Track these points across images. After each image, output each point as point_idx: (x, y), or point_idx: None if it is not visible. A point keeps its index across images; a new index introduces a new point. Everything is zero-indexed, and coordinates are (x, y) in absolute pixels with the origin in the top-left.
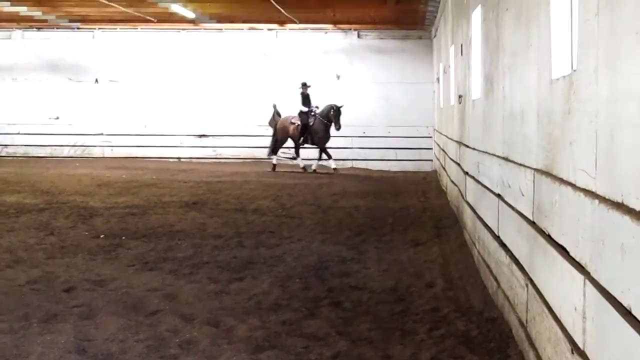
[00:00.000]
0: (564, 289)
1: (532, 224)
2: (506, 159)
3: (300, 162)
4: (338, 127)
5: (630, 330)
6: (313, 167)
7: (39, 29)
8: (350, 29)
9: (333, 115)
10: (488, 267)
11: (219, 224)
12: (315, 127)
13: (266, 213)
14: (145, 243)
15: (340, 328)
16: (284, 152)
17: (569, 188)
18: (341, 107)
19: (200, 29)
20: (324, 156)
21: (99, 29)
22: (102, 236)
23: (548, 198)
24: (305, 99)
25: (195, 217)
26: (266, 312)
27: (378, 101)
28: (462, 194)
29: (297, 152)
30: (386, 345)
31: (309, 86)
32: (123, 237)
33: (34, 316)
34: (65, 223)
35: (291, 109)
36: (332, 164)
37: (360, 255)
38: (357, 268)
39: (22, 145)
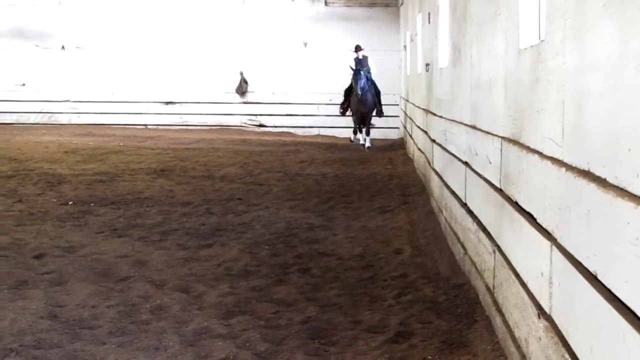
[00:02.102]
0: (531, 255)
1: (500, 191)
2: (474, 127)
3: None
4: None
5: (596, 295)
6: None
7: None
8: None
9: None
10: (455, 234)
11: (187, 191)
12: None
13: (234, 180)
14: (113, 210)
15: (309, 294)
16: (250, 120)
17: (537, 156)
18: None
19: None
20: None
21: None
22: (70, 203)
23: (515, 166)
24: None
25: (164, 184)
26: (236, 279)
27: (345, 69)
28: (429, 162)
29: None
30: (355, 310)
31: (362, 49)
32: (92, 204)
33: (5, 282)
34: (34, 190)
35: (258, 76)
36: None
37: (329, 222)
38: (325, 235)
39: None
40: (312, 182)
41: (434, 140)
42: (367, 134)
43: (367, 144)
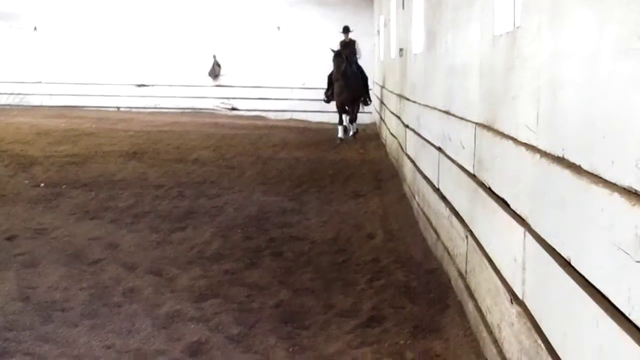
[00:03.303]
0: (504, 240)
1: (473, 176)
2: (447, 113)
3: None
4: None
5: (569, 280)
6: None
7: None
8: None
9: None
10: (428, 219)
11: (159, 174)
12: None
13: (206, 163)
14: (86, 192)
15: (282, 278)
16: (222, 102)
17: (511, 142)
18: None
19: None
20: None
21: None
22: (42, 185)
23: (489, 152)
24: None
25: (136, 167)
26: (208, 262)
27: (317, 53)
28: (402, 147)
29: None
30: (328, 294)
31: (351, 31)
32: (64, 186)
33: None
34: (5, 171)
35: (231, 60)
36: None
37: (301, 206)
38: (298, 219)
39: None
40: (284, 166)
41: (407, 126)
42: (352, 120)
43: (352, 131)
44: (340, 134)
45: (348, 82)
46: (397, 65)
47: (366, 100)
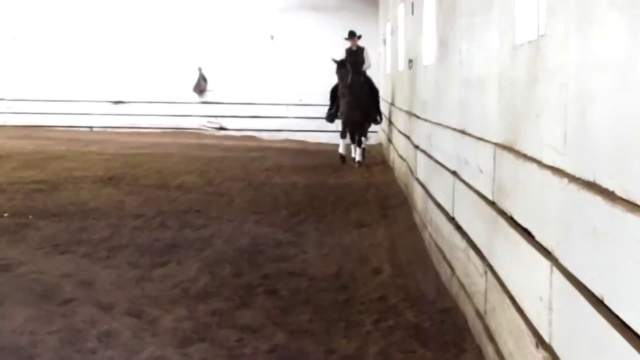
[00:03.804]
0: (528, 276)
1: (492, 204)
2: (463, 132)
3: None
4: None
5: (602, 321)
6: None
7: None
8: None
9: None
10: (441, 252)
11: (138, 202)
12: None
13: (191, 190)
14: (55, 223)
15: (277, 319)
16: (209, 122)
17: (535, 165)
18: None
19: None
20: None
21: None
22: (5, 215)
23: (510, 176)
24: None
25: (112, 194)
26: (194, 301)
27: (316, 65)
28: (411, 170)
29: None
30: (328, 338)
31: (359, 37)
32: (30, 216)
33: None
34: None
35: (219, 73)
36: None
37: (298, 237)
38: (294, 252)
39: None
40: (279, 192)
41: (417, 147)
42: (359, 144)
43: (358, 158)
44: (342, 150)
45: (356, 97)
46: (406, 79)
47: (376, 118)
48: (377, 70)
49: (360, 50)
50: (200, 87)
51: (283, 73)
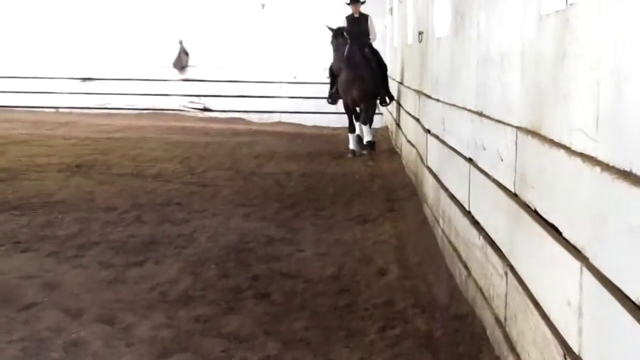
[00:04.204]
0: (554, 278)
1: (514, 196)
2: (480, 114)
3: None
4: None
5: (638, 329)
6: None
7: None
8: None
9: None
10: (455, 250)
11: (110, 194)
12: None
13: (171, 179)
14: (16, 217)
15: (269, 326)
16: (191, 101)
17: (562, 152)
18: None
19: None
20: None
21: None
22: None
23: (535, 164)
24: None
25: (81, 184)
26: (174, 306)
27: (313, 38)
28: (422, 158)
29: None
30: (327, 348)
31: (362, 2)
32: None
33: None
34: None
35: (202, 46)
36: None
37: (293, 234)
38: (288, 250)
39: None
40: (271, 182)
41: (428, 131)
42: (365, 121)
43: (366, 138)
44: (352, 145)
45: (356, 71)
46: (416, 54)
47: (384, 98)
48: (383, 44)
49: (363, 18)
50: (181, 62)
51: (275, 47)
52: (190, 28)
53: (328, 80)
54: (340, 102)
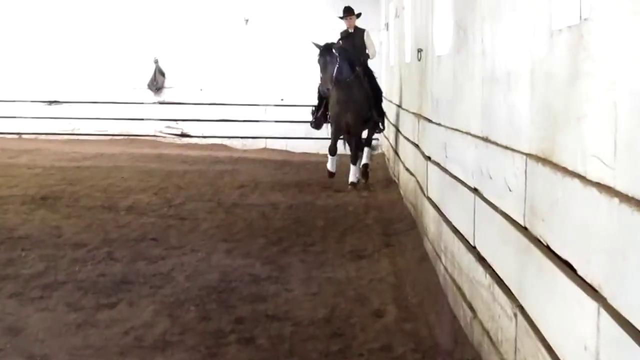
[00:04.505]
0: (569, 320)
1: (524, 230)
2: (486, 140)
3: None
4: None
5: None
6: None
7: None
8: None
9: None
10: (459, 289)
11: (79, 228)
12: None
13: (146, 212)
14: None
15: None
16: (168, 127)
17: (577, 181)
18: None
19: None
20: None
21: None
22: None
23: (546, 195)
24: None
25: (46, 218)
26: (149, 353)
27: (302, 56)
28: (421, 188)
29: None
30: None
31: (357, 16)
32: None
33: None
34: None
35: (180, 66)
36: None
37: (280, 272)
38: (275, 290)
39: None
40: (256, 215)
41: (428, 158)
42: (354, 160)
43: (352, 178)
44: (330, 167)
45: (348, 94)
46: (414, 73)
47: (378, 123)
48: (379, 63)
49: (359, 33)
50: (157, 83)
51: (261, 66)
52: (166, 46)
53: (316, 102)
54: (326, 126)
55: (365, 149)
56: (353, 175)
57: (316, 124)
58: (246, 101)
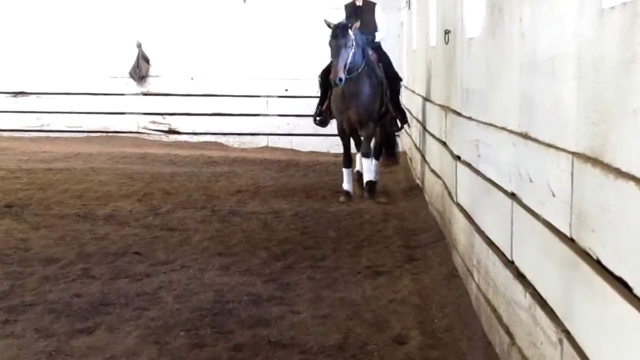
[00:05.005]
0: (623, 347)
1: (570, 241)
2: (525, 136)
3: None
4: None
5: None
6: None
7: None
8: None
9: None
10: (495, 311)
11: (50, 241)
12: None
13: (128, 222)
14: None
15: None
16: (154, 121)
17: (632, 184)
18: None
19: None
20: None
21: None
22: None
23: (597, 200)
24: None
25: (11, 229)
26: None
27: (309, 39)
28: (449, 192)
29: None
30: None
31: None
32: None
33: None
34: None
35: (167, 51)
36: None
37: (285, 291)
38: (279, 312)
39: None
40: (257, 225)
41: (458, 157)
42: (366, 153)
43: (367, 176)
44: (346, 185)
45: (352, 86)
46: (440, 59)
47: (396, 120)
48: (398, 47)
49: (368, 7)
50: (140, 71)
51: (261, 51)
52: (151, 27)
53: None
54: (334, 122)
55: (371, 163)
56: (368, 171)
57: (321, 120)
58: (244, 92)
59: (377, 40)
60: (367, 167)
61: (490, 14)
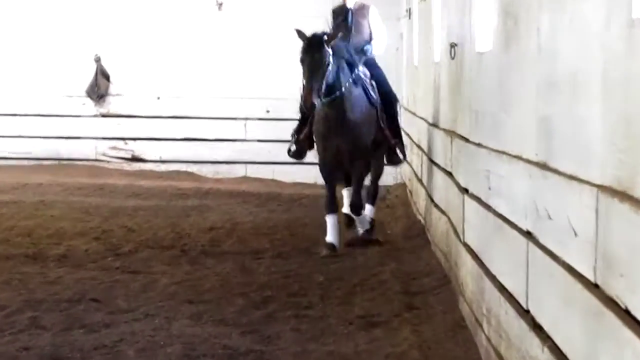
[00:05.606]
0: None
1: (595, 288)
2: (543, 166)
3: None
4: None
5: None
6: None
7: None
8: None
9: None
10: None
11: None
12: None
13: (84, 264)
14: None
15: None
16: (114, 147)
17: None
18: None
19: None
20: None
21: None
22: None
23: (625, 240)
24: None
25: None
26: None
27: (293, 53)
28: (455, 230)
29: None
30: None
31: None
32: None
33: None
34: None
35: (130, 66)
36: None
37: (265, 344)
38: None
39: None
40: (233, 267)
41: (465, 190)
42: (356, 210)
43: (360, 227)
44: (330, 237)
45: (339, 108)
46: (445, 76)
47: (396, 152)
48: (397, 61)
49: (361, 10)
50: (99, 89)
51: (238, 67)
52: (111, 39)
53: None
54: (311, 154)
55: (363, 215)
56: (359, 223)
57: (297, 151)
58: (219, 114)
59: (370, 53)
60: (360, 220)
61: (503, 24)
